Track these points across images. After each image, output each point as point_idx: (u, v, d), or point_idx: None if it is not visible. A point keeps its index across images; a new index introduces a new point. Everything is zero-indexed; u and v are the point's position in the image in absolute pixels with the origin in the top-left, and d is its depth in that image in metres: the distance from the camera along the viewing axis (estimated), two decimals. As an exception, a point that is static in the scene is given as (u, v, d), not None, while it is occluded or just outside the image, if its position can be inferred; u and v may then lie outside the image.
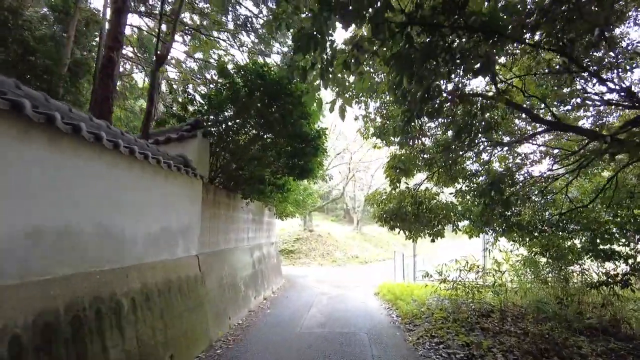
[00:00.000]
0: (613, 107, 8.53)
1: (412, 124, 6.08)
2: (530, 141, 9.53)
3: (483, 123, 7.14)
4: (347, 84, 5.05)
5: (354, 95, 8.64)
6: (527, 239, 9.81)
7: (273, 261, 13.28)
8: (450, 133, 8.30)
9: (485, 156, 10.62)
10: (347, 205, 45.73)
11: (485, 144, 9.04)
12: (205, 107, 7.80)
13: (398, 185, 9.89)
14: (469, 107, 6.83)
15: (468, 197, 9.86)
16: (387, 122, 9.90)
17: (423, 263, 19.68)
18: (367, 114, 9.75)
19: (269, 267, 12.24)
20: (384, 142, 10.22)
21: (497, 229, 9.88)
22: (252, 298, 9.56)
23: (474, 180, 9.95)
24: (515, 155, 10.15)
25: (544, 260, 10.09)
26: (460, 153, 8.93)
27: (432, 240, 9.54)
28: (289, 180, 9.58)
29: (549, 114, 7.77)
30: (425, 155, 9.73)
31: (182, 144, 7.23)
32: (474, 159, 10.23)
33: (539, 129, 8.96)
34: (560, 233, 8.91)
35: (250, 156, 8.13)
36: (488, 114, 7.22)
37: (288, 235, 24.47)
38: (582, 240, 8.85)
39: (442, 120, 8.84)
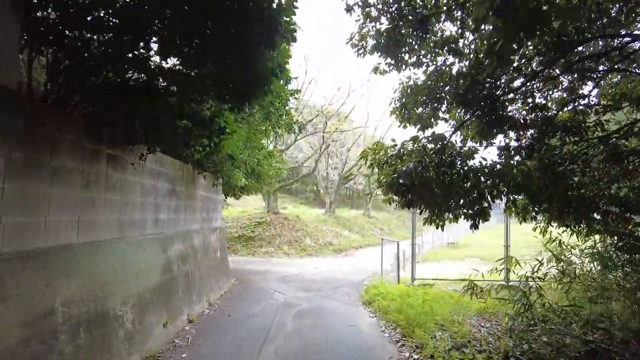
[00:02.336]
0: None
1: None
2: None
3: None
4: None
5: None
6: (588, 225, 6.40)
7: (214, 256, 9.04)
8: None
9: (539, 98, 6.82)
10: (319, 186, 41.74)
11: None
12: None
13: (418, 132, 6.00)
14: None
15: (519, 157, 6.08)
16: (401, 22, 5.76)
17: (420, 251, 15.95)
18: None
19: (204, 266, 8.00)
20: (393, 60, 6.10)
21: (554, 206, 6.14)
22: (157, 328, 5.33)
23: (528, 128, 6.17)
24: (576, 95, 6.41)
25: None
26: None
27: (473, 226, 5.60)
28: (222, 112, 5.23)
29: None
30: (457, 83, 5.74)
31: None
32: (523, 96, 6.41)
33: None
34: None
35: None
36: None
37: (247, 219, 20.22)
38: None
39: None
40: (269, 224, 19.63)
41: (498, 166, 5.61)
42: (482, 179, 5.41)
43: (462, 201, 5.61)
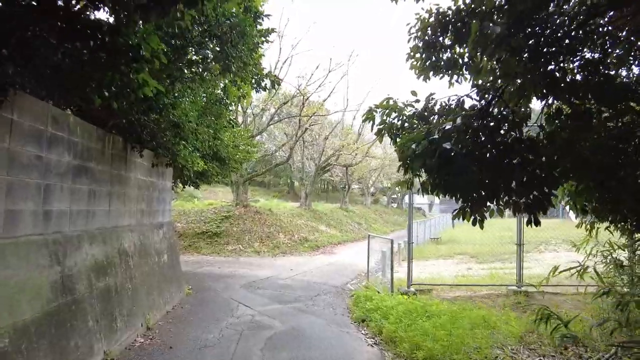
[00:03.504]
0: None
1: None
2: None
3: None
4: None
5: None
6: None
7: (159, 260, 6.85)
8: None
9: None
10: (293, 178, 39.67)
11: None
12: None
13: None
14: None
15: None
16: None
17: (399, 249, 14.22)
18: None
19: (141, 276, 5.82)
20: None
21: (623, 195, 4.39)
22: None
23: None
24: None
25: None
26: None
27: (530, 221, 3.73)
28: (135, 24, 3.00)
29: None
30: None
31: None
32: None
33: None
34: None
35: None
36: None
37: (213, 212, 17.93)
38: None
39: None
40: (237, 218, 17.44)
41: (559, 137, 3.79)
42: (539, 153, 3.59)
43: (513, 184, 3.75)
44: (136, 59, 3.02)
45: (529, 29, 3.65)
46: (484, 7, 4.02)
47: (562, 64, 3.93)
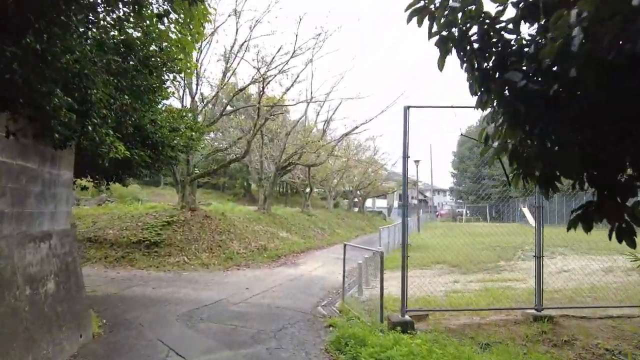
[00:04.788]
0: None
1: None
2: None
3: None
4: None
5: None
6: None
7: (33, 293, 4.29)
8: None
9: None
10: (251, 179, 37.02)
11: None
12: None
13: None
14: None
15: None
16: None
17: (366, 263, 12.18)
18: None
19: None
20: None
21: None
22: None
23: None
24: None
25: None
26: None
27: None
28: None
29: None
30: None
31: None
32: None
33: None
34: None
35: None
36: None
37: (153, 217, 15.08)
38: None
39: None
40: (182, 224, 14.72)
41: None
42: None
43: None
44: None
45: None
46: None
47: None
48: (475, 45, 1.88)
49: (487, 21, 1.88)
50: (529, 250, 18.09)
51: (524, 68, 1.85)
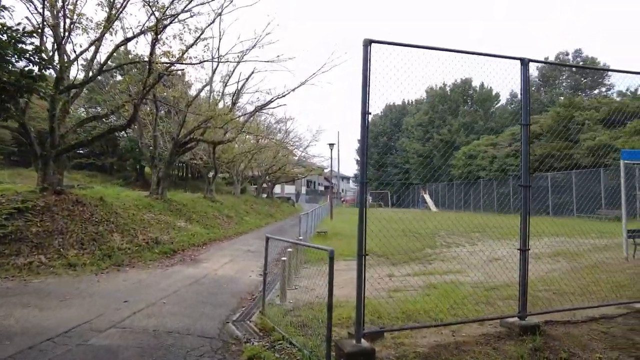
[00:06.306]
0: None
1: None
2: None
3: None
4: None
5: None
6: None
7: None
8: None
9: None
10: (143, 160, 32.40)
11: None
12: None
13: None
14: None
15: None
16: None
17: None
18: None
19: None
20: None
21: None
22: None
23: None
24: None
25: None
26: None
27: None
28: None
29: None
30: None
31: None
32: None
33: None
34: None
35: None
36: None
37: (-5, 203, 11.09)
38: None
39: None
40: (42, 211, 11.05)
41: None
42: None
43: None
44: None
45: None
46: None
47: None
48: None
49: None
50: (445, 236, 17.82)
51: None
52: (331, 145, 27.49)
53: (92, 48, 12.40)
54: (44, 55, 7.28)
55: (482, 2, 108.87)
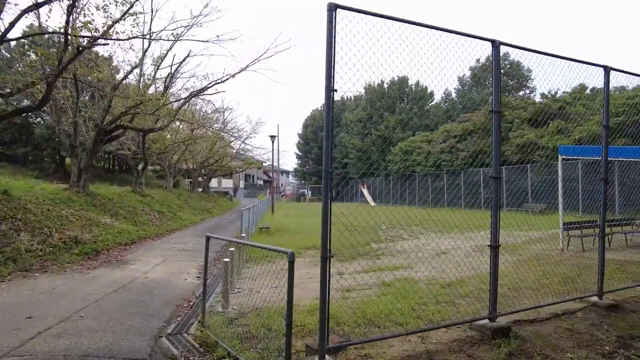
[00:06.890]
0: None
1: None
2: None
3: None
4: None
5: None
6: None
7: None
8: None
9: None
10: (63, 149, 29.21)
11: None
12: None
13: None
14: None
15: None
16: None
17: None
18: None
19: None
20: None
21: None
22: None
23: None
24: None
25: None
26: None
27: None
28: None
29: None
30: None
31: None
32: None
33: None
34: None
35: None
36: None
37: None
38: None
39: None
40: None
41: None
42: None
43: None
44: None
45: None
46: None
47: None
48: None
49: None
50: (387, 230, 17.85)
51: None
52: (272, 137, 26.57)
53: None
54: None
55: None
